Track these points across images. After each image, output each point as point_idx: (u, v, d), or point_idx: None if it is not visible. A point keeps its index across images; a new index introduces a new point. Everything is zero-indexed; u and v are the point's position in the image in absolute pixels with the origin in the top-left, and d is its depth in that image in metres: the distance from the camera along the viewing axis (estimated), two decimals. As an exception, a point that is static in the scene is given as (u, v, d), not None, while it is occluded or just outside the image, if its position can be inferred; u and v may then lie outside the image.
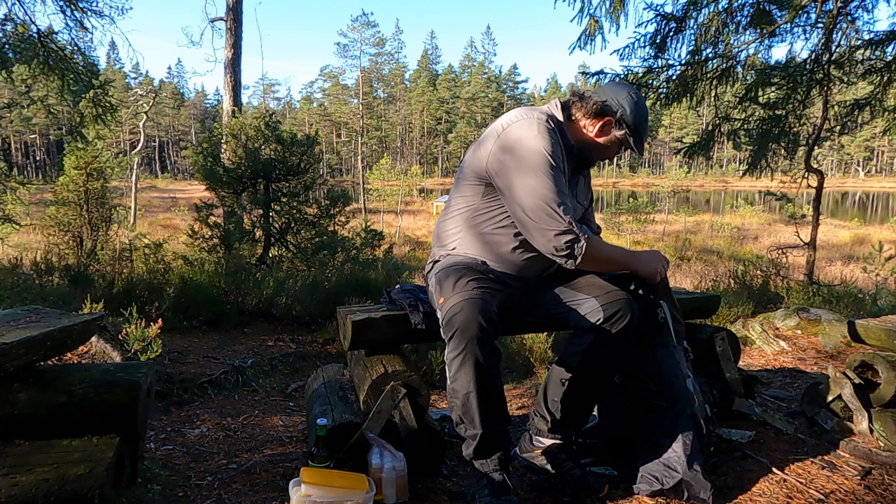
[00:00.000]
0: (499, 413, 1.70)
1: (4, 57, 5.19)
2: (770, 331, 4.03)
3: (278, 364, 4.01)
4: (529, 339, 4.16)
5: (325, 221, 7.14)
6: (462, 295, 1.64)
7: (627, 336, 1.77)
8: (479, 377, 1.58)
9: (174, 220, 20.84)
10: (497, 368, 1.63)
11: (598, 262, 1.77)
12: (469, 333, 1.56)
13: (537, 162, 1.69)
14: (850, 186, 54.93)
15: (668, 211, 23.97)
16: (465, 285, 1.69)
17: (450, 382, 1.65)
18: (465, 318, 1.57)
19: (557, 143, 1.75)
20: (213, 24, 11.56)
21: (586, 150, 1.88)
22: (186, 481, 1.96)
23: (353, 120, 62.31)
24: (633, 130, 1.82)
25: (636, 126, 1.82)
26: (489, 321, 1.58)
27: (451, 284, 1.72)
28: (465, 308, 1.59)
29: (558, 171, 1.71)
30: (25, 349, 1.62)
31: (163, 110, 71.22)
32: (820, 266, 9.67)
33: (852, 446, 2.10)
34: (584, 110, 1.85)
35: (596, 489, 1.82)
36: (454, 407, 1.67)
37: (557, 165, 1.71)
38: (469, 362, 1.57)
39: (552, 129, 1.76)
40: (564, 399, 1.85)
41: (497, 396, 1.67)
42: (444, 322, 1.64)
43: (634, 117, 1.81)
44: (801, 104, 5.44)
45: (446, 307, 1.65)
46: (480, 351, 1.56)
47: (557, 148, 1.74)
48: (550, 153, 1.70)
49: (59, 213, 7.38)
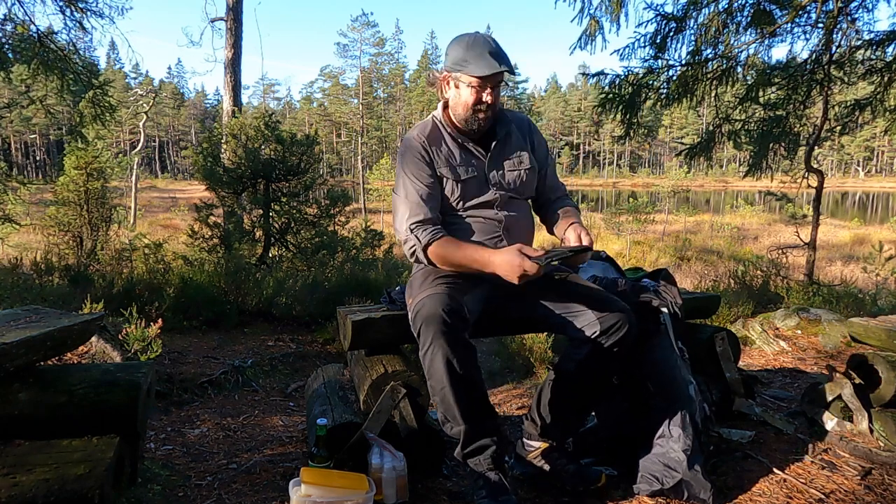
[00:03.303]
0: (479, 406, 1.70)
1: (4, 57, 5.18)
2: (770, 331, 4.03)
3: (278, 364, 4.01)
4: (529, 339, 4.16)
5: (325, 221, 7.14)
6: (427, 291, 1.68)
7: (625, 348, 1.76)
8: (450, 371, 1.58)
9: (174, 220, 20.83)
10: (470, 361, 1.62)
11: (448, 264, 1.75)
12: (433, 328, 1.57)
13: (397, 179, 1.86)
14: (850, 186, 54.90)
15: (668, 211, 23.95)
16: (432, 283, 1.73)
17: (427, 380, 1.66)
18: (427, 312, 1.59)
19: (411, 148, 1.82)
20: (213, 24, 11.56)
21: (465, 115, 1.79)
22: (186, 481, 1.96)
23: (353, 120, 62.30)
24: (458, 63, 1.74)
25: (457, 59, 1.74)
26: (453, 314, 1.59)
27: (419, 283, 1.78)
28: (429, 303, 1.62)
29: (412, 178, 1.80)
30: (25, 349, 1.62)
31: (163, 110, 71.18)
32: (820, 266, 9.67)
33: (852, 446, 2.10)
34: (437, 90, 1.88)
35: (593, 480, 1.83)
36: (437, 405, 1.68)
37: (410, 172, 1.80)
38: (438, 357, 1.57)
39: (411, 138, 1.84)
40: (558, 405, 1.85)
41: (474, 389, 1.66)
42: (412, 320, 1.67)
43: (453, 56, 1.76)
44: (801, 104, 5.43)
45: (412, 305, 1.70)
46: (447, 344, 1.57)
47: (409, 155, 1.82)
48: (401, 165, 1.83)
49: (59, 213, 7.38)
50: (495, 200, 1.85)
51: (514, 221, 1.87)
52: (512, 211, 1.88)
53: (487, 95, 1.75)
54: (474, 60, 1.70)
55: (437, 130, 1.87)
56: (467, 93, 1.76)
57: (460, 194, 1.83)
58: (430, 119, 1.90)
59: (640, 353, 1.94)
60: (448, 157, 1.84)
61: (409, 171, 1.81)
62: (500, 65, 1.68)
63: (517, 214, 1.89)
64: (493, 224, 1.85)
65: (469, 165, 1.85)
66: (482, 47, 1.71)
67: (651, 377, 1.94)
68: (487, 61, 1.69)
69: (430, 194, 1.80)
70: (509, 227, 1.85)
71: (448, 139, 1.86)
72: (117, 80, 53.78)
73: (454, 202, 1.84)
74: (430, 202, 1.79)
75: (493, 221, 1.85)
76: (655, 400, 1.91)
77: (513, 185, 1.89)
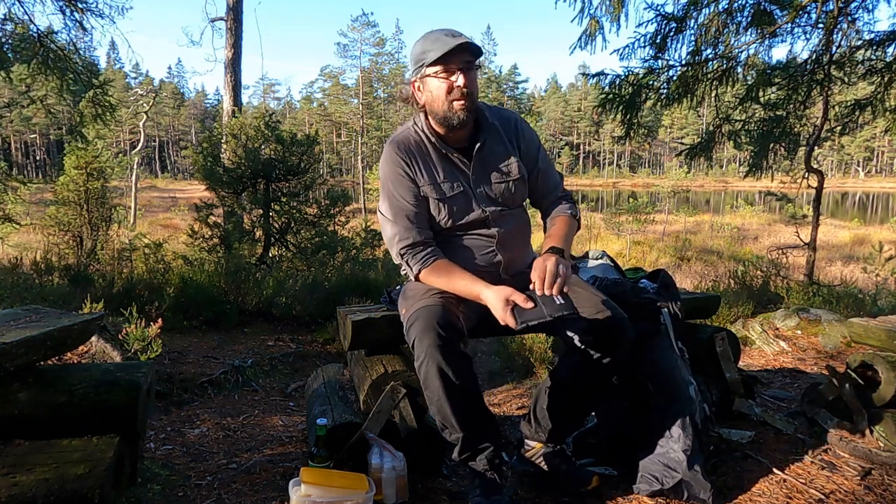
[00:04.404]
0: (476, 414, 1.68)
1: (4, 57, 5.18)
2: (770, 331, 4.03)
3: (278, 364, 4.01)
4: (529, 339, 4.16)
5: (325, 221, 7.14)
6: (421, 303, 1.65)
7: (621, 355, 1.72)
8: (445, 382, 1.56)
9: (174, 220, 20.82)
10: (466, 371, 1.59)
11: (442, 287, 1.71)
12: (427, 341, 1.55)
13: (382, 192, 1.80)
14: (850, 187, 54.87)
15: (668, 211, 23.92)
16: (425, 293, 1.70)
17: (423, 390, 1.64)
18: (422, 325, 1.57)
19: (391, 164, 1.75)
20: (213, 23, 11.56)
21: (443, 110, 1.68)
22: (186, 481, 1.96)
23: (353, 120, 62.26)
24: (418, 59, 1.68)
25: (417, 57, 1.69)
26: (447, 327, 1.57)
27: (413, 293, 1.74)
28: (422, 315, 1.60)
29: (397, 197, 1.74)
30: (25, 349, 1.62)
31: (163, 110, 71.17)
32: (820, 266, 9.66)
33: (852, 446, 2.10)
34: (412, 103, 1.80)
35: (585, 482, 1.83)
36: (434, 413, 1.66)
37: (394, 190, 1.74)
38: (433, 369, 1.55)
39: (390, 149, 1.76)
40: (554, 409, 1.84)
41: (469, 398, 1.64)
42: (406, 331, 1.66)
43: (413, 58, 1.71)
44: (801, 104, 5.43)
45: (406, 316, 1.68)
46: (442, 357, 1.54)
47: (390, 171, 1.75)
48: (384, 180, 1.77)
49: (59, 212, 7.38)
50: (486, 217, 1.77)
51: (507, 235, 1.80)
52: (505, 224, 1.80)
53: (459, 78, 1.63)
54: (432, 47, 1.63)
55: (418, 141, 1.76)
56: (436, 84, 1.66)
57: (447, 213, 1.75)
58: (411, 126, 1.79)
59: (640, 353, 1.94)
60: (431, 174, 1.74)
61: (393, 188, 1.74)
62: (456, 38, 1.60)
63: (511, 226, 1.82)
64: (486, 240, 1.78)
65: (454, 181, 1.75)
66: (436, 34, 1.64)
67: (651, 377, 1.94)
68: (444, 41, 1.61)
69: (418, 213, 1.73)
70: (503, 242, 1.79)
71: (430, 150, 1.76)
72: (117, 80, 53.77)
73: (442, 222, 1.76)
74: (418, 222, 1.73)
75: (486, 237, 1.78)
76: (655, 400, 1.91)
77: (501, 198, 1.79)
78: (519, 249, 1.87)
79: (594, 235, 17.22)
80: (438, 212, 1.75)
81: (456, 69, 1.64)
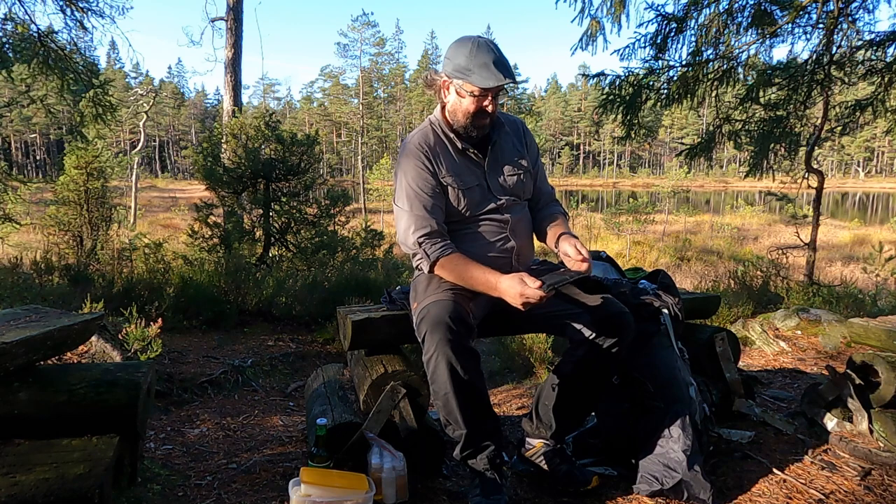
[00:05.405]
0: (481, 411, 1.71)
1: (4, 56, 5.18)
2: (770, 331, 4.03)
3: (278, 364, 4.01)
4: (529, 339, 4.16)
5: (325, 221, 7.14)
6: (432, 297, 1.68)
7: (623, 349, 1.76)
8: (454, 377, 1.59)
9: (174, 220, 20.83)
10: (474, 368, 1.63)
11: (454, 281, 1.73)
12: (438, 335, 1.58)
13: (397, 187, 1.84)
14: (850, 187, 54.86)
15: (669, 211, 23.94)
16: (437, 288, 1.73)
17: (430, 384, 1.66)
18: (433, 320, 1.60)
19: (412, 157, 1.79)
20: (213, 23, 11.56)
21: (465, 122, 1.77)
22: (186, 481, 1.96)
23: (353, 120, 62.28)
24: (461, 71, 1.69)
25: (459, 67, 1.69)
26: (458, 322, 1.59)
27: (423, 288, 1.77)
28: (434, 310, 1.62)
29: (415, 188, 1.77)
30: (25, 349, 1.62)
31: (163, 110, 71.12)
32: (820, 266, 9.65)
33: (852, 446, 2.10)
34: (435, 92, 1.84)
35: (583, 482, 1.84)
36: (439, 408, 1.69)
37: (412, 181, 1.77)
38: (442, 363, 1.58)
39: (410, 144, 1.81)
40: (557, 405, 1.86)
41: (477, 395, 1.67)
42: (416, 325, 1.68)
43: (455, 62, 1.70)
44: (801, 105, 5.43)
45: (417, 310, 1.71)
46: (452, 352, 1.57)
47: (410, 163, 1.78)
48: (402, 173, 1.80)
49: (60, 212, 7.39)
50: (501, 206, 1.85)
51: (518, 222, 1.88)
52: (515, 213, 1.88)
53: (489, 105, 1.73)
54: (478, 70, 1.66)
55: (437, 136, 1.84)
56: (468, 101, 1.73)
57: (466, 203, 1.81)
58: (428, 124, 1.87)
59: (640, 353, 1.94)
60: (451, 165, 1.81)
61: (412, 180, 1.78)
62: (504, 77, 1.65)
63: (520, 215, 1.90)
64: (499, 226, 1.84)
65: (471, 173, 1.83)
66: (486, 56, 1.66)
67: (651, 378, 1.94)
68: (491, 72, 1.65)
69: (435, 205, 1.77)
70: (514, 228, 1.86)
71: (448, 145, 1.83)
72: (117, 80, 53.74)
73: (462, 209, 1.81)
74: (436, 213, 1.77)
75: (499, 223, 1.84)
76: (655, 400, 1.91)
77: (514, 189, 1.88)
78: (527, 239, 1.93)
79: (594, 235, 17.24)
80: (458, 202, 1.81)
81: (489, 96, 1.73)
